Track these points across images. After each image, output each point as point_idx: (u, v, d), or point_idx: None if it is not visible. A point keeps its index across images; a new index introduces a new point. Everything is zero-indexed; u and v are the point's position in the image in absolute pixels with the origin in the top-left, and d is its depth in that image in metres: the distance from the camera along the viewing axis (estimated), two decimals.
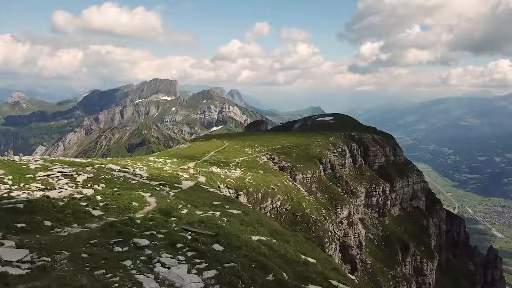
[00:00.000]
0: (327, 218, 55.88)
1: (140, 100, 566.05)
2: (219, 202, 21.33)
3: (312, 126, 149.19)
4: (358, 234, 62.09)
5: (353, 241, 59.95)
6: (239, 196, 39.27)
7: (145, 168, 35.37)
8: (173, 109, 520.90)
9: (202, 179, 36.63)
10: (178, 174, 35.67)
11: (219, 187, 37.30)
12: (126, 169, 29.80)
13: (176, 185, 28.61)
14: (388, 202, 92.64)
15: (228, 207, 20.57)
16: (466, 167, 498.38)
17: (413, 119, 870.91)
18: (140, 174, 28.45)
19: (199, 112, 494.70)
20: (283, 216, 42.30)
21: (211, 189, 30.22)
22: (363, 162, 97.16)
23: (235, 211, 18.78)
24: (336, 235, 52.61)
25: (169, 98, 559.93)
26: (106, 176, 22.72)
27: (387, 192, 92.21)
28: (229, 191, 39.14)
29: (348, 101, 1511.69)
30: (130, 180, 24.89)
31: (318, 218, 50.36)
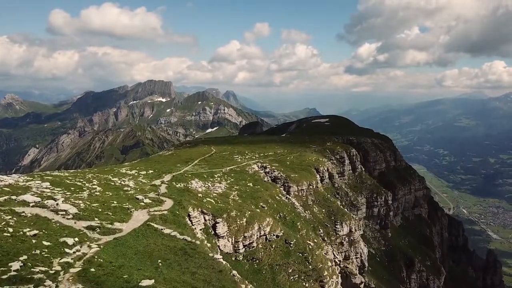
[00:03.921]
0: (325, 238, 48.90)
1: (135, 101, 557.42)
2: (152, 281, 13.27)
3: (307, 128, 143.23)
4: (360, 254, 55.17)
5: (355, 263, 52.97)
6: (217, 225, 31.80)
7: (98, 188, 27.81)
8: (168, 110, 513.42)
9: (168, 204, 28.96)
10: (138, 198, 27.91)
11: (189, 215, 29.63)
12: (51, 200, 21.53)
13: (117, 224, 20.87)
14: (391, 213, 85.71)
15: None
16: (461, 168, 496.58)
17: (409, 120, 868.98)
18: (64, 210, 20.55)
19: (194, 114, 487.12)
20: (273, 246, 35.07)
21: (167, 231, 21.85)
22: (363, 169, 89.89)
23: None
24: (336, 260, 45.51)
25: (164, 100, 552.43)
26: None
27: (389, 202, 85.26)
28: (204, 218, 31.67)
29: (344, 103, 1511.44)
30: (29, 231, 16.54)
31: (316, 240, 43.16)
